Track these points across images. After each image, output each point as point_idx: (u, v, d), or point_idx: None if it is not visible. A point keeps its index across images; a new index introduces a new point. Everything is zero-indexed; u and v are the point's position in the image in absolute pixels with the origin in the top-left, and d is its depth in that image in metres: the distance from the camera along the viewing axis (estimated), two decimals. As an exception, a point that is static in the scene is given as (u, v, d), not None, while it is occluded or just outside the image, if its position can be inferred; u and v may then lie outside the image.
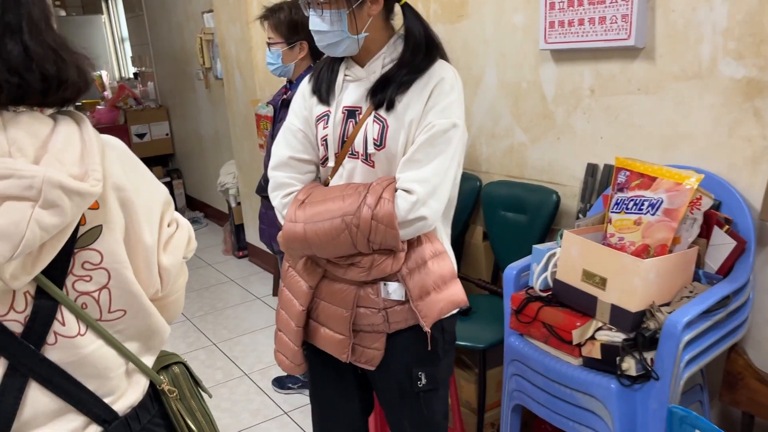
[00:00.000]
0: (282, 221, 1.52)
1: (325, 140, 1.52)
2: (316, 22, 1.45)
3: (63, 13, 7.89)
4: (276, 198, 1.57)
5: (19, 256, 0.79)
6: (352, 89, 1.51)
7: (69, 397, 0.91)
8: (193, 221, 5.68)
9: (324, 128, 1.53)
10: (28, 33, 0.83)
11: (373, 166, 1.48)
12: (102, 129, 1.21)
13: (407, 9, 1.47)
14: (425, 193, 1.38)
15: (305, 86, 1.61)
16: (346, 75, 1.53)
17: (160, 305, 1.04)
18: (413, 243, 1.47)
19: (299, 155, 1.56)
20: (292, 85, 2.38)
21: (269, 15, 2.30)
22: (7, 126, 0.82)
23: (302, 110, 1.58)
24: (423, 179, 1.39)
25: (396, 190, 1.41)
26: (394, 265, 1.45)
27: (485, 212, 2.51)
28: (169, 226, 1.03)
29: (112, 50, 8.01)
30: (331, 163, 1.53)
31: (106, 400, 0.95)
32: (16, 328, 0.85)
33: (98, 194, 0.84)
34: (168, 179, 6.06)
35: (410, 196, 1.38)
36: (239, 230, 4.75)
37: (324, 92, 1.54)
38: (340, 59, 1.54)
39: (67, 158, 0.83)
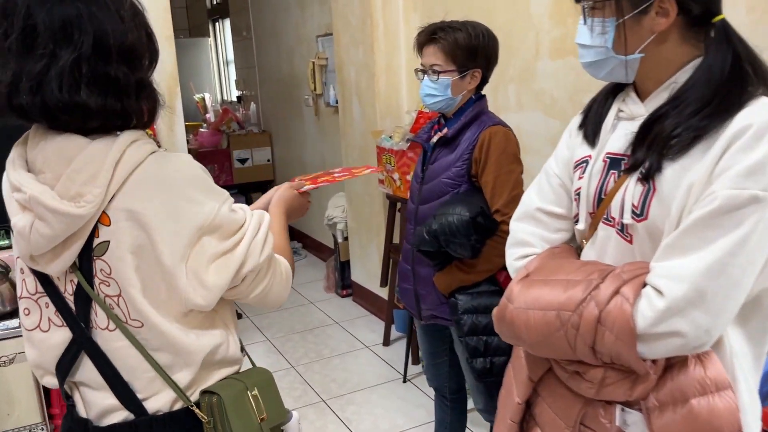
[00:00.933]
0: None
1: (579, 194, 1.15)
2: (581, 33, 1.09)
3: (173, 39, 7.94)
4: (510, 257, 1.25)
5: (37, 252, 0.99)
6: (623, 130, 1.12)
7: (107, 379, 1.05)
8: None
9: (579, 178, 1.16)
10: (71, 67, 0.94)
11: (630, 242, 1.07)
12: (204, 153, 1.20)
13: (720, 28, 1.03)
14: (684, 297, 0.94)
15: (575, 120, 1.25)
16: (619, 110, 1.14)
17: (242, 301, 1.12)
18: (673, 364, 1.01)
19: (550, 207, 1.22)
20: (449, 122, 1.99)
21: (442, 36, 1.86)
22: (46, 145, 0.97)
23: (564, 150, 1.23)
24: (684, 277, 0.94)
25: (644, 286, 0.99)
26: (636, 390, 1.02)
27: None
28: (223, 244, 1.04)
29: (216, 73, 8.00)
30: (581, 225, 1.16)
31: (138, 396, 1.06)
32: (71, 305, 1.05)
33: (86, 215, 0.95)
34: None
35: (659, 299, 0.96)
36: (344, 267, 4.43)
37: (590, 130, 1.17)
38: (619, 88, 1.16)
39: (78, 178, 0.95)
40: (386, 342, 3.66)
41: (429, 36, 1.89)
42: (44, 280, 1.05)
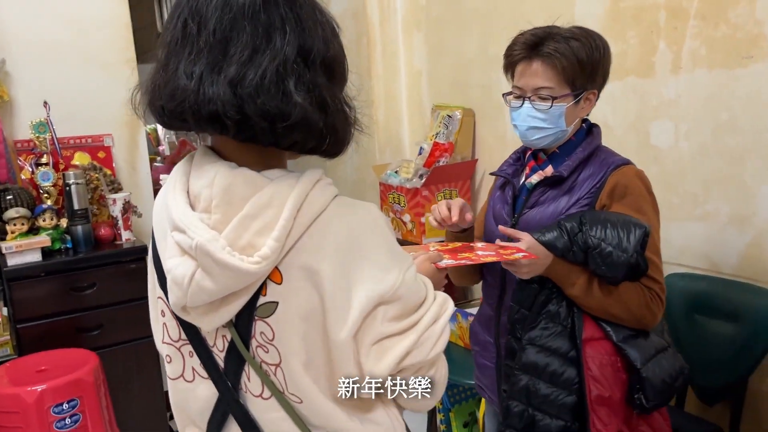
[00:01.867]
0: None
1: None
2: None
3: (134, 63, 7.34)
4: None
5: (193, 305, 0.85)
6: None
7: None
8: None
9: None
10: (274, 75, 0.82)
11: None
12: (160, 189, 0.97)
13: None
14: None
15: None
16: None
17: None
18: None
19: None
20: (555, 157, 1.48)
21: (555, 49, 1.36)
22: (215, 180, 0.85)
23: None
24: None
25: None
26: None
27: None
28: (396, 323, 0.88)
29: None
30: None
31: None
32: (220, 362, 0.92)
33: (260, 273, 0.82)
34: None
35: None
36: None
37: None
38: None
39: (253, 225, 0.83)
40: None
41: (535, 49, 1.39)
42: (189, 328, 0.93)
